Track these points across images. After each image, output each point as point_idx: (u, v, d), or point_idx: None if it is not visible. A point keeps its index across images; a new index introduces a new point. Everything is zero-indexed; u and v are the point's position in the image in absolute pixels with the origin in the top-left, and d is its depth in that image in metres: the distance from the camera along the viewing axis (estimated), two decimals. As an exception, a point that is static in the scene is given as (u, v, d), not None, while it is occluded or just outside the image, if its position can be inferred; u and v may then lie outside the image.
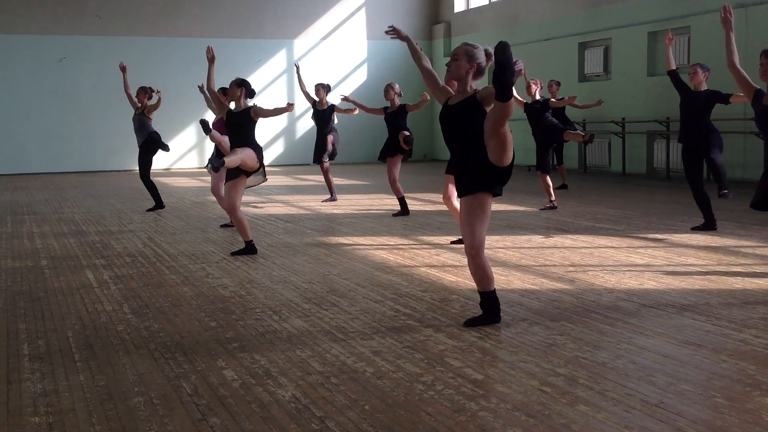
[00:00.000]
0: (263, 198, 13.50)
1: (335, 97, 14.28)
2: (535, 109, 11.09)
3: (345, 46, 23.91)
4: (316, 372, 4.09)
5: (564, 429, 3.29)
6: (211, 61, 8.21)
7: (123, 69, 12.05)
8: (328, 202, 12.56)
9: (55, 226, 10.34)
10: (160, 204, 11.84)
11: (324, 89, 12.37)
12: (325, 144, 12.26)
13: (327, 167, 12.46)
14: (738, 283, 6.04)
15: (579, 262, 7.07)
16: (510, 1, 21.63)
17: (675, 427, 3.27)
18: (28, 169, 21.18)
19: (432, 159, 24.06)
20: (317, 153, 12.45)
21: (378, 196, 13.43)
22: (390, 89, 10.66)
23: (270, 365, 4.22)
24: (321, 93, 12.35)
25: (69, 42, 21.37)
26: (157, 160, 12.14)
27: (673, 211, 10.41)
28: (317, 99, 12.37)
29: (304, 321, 5.15)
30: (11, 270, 7.23)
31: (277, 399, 3.71)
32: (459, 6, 23.90)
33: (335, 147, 12.38)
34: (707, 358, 4.20)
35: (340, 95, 12.26)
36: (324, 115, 12.35)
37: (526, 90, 11.21)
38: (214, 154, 9.92)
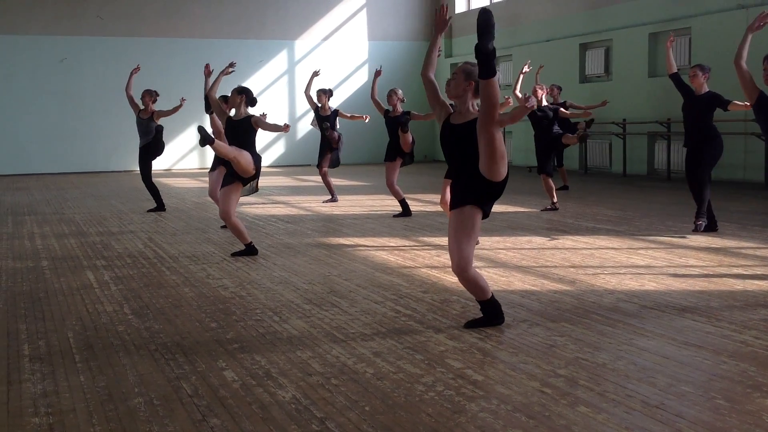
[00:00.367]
0: (264, 199, 13.50)
1: (337, 100, 14.26)
2: (544, 118, 10.98)
3: (346, 47, 23.92)
4: (316, 373, 4.09)
5: (564, 430, 3.29)
6: (216, 73, 8.25)
7: (134, 71, 11.95)
8: (328, 202, 12.57)
9: (56, 226, 10.35)
10: (161, 206, 11.84)
11: (326, 95, 12.31)
12: (330, 147, 12.17)
13: (325, 171, 12.42)
14: (739, 285, 6.04)
15: (580, 263, 7.07)
16: (511, 2, 21.63)
17: (675, 429, 3.27)
18: (29, 170, 21.20)
19: (432, 160, 24.06)
20: (321, 156, 12.37)
21: (379, 197, 13.42)
22: (393, 95, 10.64)
23: (270, 366, 4.22)
24: (323, 99, 12.28)
25: (70, 42, 21.39)
26: (158, 160, 12.14)
27: (674, 213, 10.41)
28: (320, 105, 12.33)
29: (304, 322, 5.15)
30: (12, 270, 7.24)
31: (278, 400, 3.71)
32: (460, 7, 23.91)
33: (339, 155, 12.33)
34: (708, 359, 4.20)
35: (376, 68, 11.91)
36: (327, 121, 12.27)
37: (532, 94, 11.09)
38: (214, 159, 9.90)
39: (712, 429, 3.27)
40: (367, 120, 11.91)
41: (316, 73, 12.95)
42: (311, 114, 13.89)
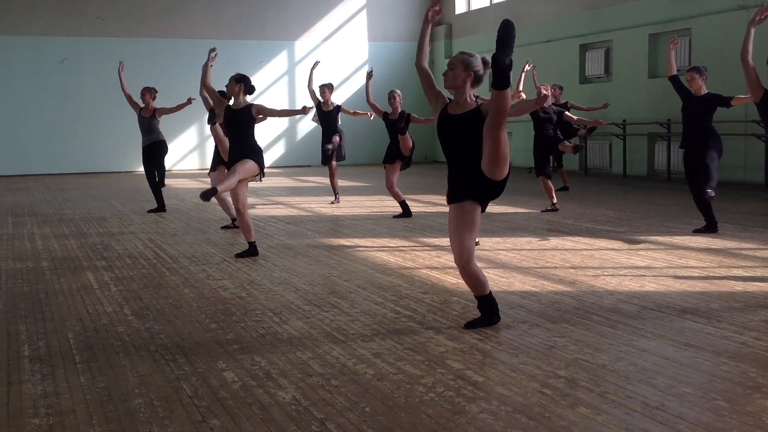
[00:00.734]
0: (264, 200, 13.50)
1: (341, 96, 14.26)
2: (548, 120, 10.90)
3: (346, 47, 23.93)
4: (316, 374, 4.09)
5: (564, 431, 3.29)
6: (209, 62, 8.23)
7: (120, 69, 11.99)
8: (335, 203, 12.52)
9: (56, 227, 10.35)
10: (162, 207, 11.84)
11: (329, 89, 12.27)
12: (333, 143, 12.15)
13: (335, 168, 12.39)
14: (739, 286, 6.04)
15: (580, 264, 7.07)
16: (511, 3, 21.64)
17: (675, 430, 3.27)
18: (29, 170, 21.21)
19: (433, 161, 24.06)
20: (325, 154, 12.32)
21: (379, 197, 13.42)
22: (395, 96, 10.63)
23: (270, 367, 4.22)
24: (326, 94, 12.24)
25: (70, 43, 21.40)
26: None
27: (674, 213, 10.41)
28: (322, 100, 12.29)
29: (304, 323, 5.15)
30: (12, 271, 7.24)
31: (278, 401, 3.71)
32: (460, 8, 23.92)
33: (342, 148, 12.32)
34: (708, 360, 4.20)
35: (367, 70, 11.95)
36: (330, 116, 12.25)
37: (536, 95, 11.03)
38: (214, 159, 9.90)
39: (712, 430, 3.26)
40: (372, 117, 11.92)
41: (316, 64, 12.95)
42: (312, 111, 13.87)
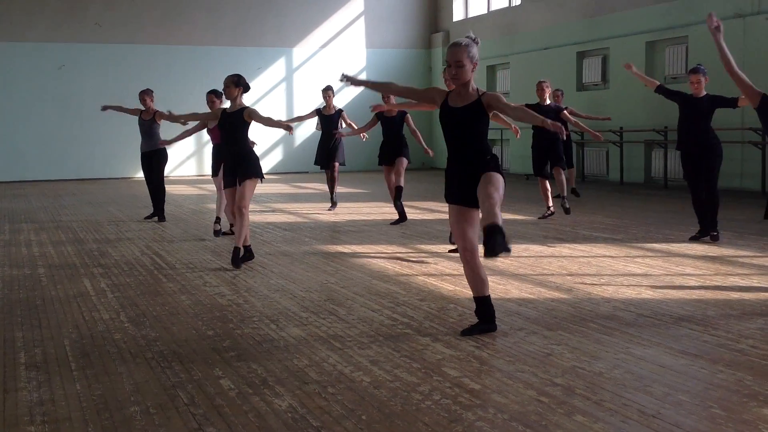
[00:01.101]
0: (262, 206, 13.49)
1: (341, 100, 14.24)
2: (545, 114, 10.82)
3: (344, 54, 23.96)
4: (313, 381, 4.08)
5: (561, 439, 3.29)
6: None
7: (105, 109, 12.00)
8: (332, 209, 12.42)
9: (53, 233, 10.34)
10: (159, 214, 11.67)
11: (331, 92, 12.13)
12: (336, 147, 12.00)
13: (337, 171, 12.26)
14: (735, 294, 6.04)
15: (577, 271, 7.07)
16: (509, 10, 21.69)
17: (672, 438, 3.27)
18: (26, 177, 21.20)
19: (430, 167, 24.07)
20: (327, 158, 12.10)
21: (377, 204, 13.43)
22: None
23: (267, 374, 4.21)
24: (329, 98, 12.09)
25: (69, 49, 21.41)
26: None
27: (671, 221, 10.42)
28: (324, 104, 12.12)
29: (301, 330, 5.15)
30: (8, 278, 7.23)
31: (274, 408, 3.70)
32: (457, 15, 23.97)
33: (342, 153, 12.14)
34: (704, 368, 4.20)
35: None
36: (331, 120, 12.08)
37: (537, 92, 10.92)
38: (215, 162, 9.88)
39: (708, 438, 3.26)
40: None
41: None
42: (311, 120, 13.85)
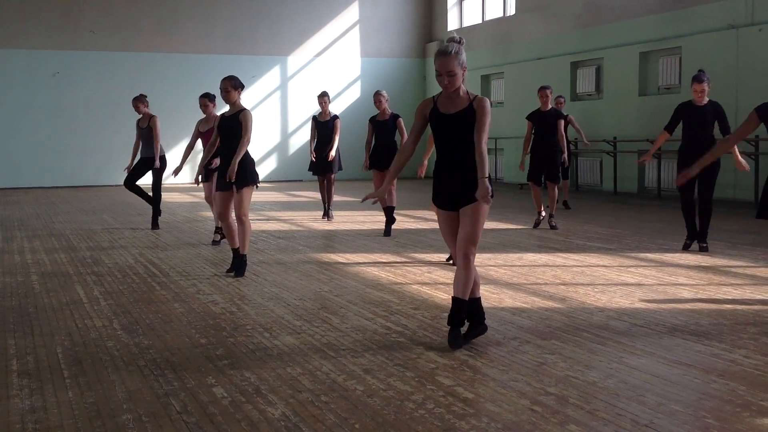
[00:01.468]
0: (256, 214, 13.48)
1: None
2: (546, 120, 10.79)
3: (339, 62, 24.00)
4: (306, 390, 4.08)
5: (554, 449, 3.28)
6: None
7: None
8: (330, 220, 12.29)
9: (46, 241, 10.31)
10: (155, 224, 11.65)
11: (327, 98, 11.95)
12: (331, 154, 11.80)
13: (333, 180, 12.17)
14: (728, 303, 6.06)
15: (570, 280, 7.08)
16: (503, 20, 21.77)
17: (665, 448, 3.27)
18: (19, 184, 21.14)
19: (427, 176, 24.08)
20: (326, 166, 11.92)
21: (371, 212, 13.42)
22: (380, 99, 10.50)
23: (260, 383, 4.20)
24: (325, 104, 11.89)
25: (63, 57, 21.40)
26: (148, 174, 12.03)
27: (664, 231, 10.45)
28: (320, 110, 11.95)
29: (294, 338, 5.14)
30: (1, 285, 7.20)
31: (267, 417, 3.69)
32: (452, 25, 24.04)
33: (339, 160, 11.97)
34: (697, 378, 4.21)
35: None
36: (326, 126, 11.87)
37: (539, 98, 10.86)
38: (204, 168, 9.83)
39: (701, 448, 3.27)
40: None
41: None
42: (305, 129, 13.86)
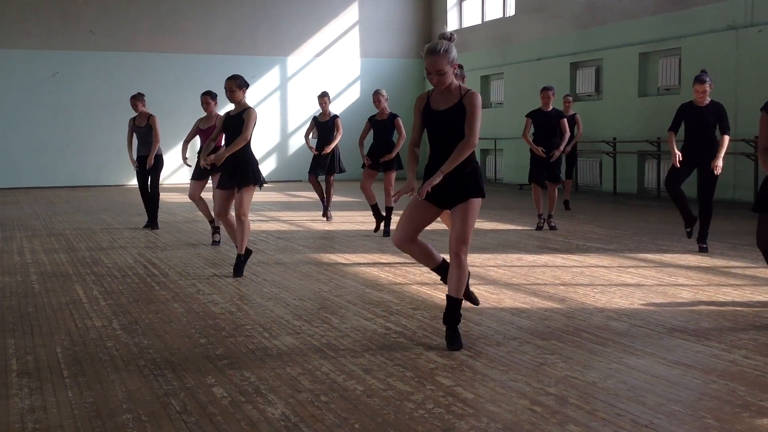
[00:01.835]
0: (255, 215, 13.48)
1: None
2: (547, 120, 10.76)
3: (338, 63, 24.00)
4: (306, 390, 4.07)
5: (554, 449, 3.28)
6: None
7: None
8: (327, 217, 12.29)
9: (46, 241, 10.30)
10: (154, 224, 11.59)
11: (327, 98, 11.90)
12: (333, 156, 11.79)
13: (332, 182, 12.15)
14: (728, 304, 6.06)
15: (570, 281, 7.08)
16: (502, 21, 21.78)
17: (665, 448, 3.27)
18: (19, 183, 21.14)
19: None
20: (328, 167, 11.87)
21: (370, 213, 13.40)
22: (380, 98, 10.49)
23: (260, 382, 4.20)
24: (325, 104, 11.84)
25: (62, 57, 21.39)
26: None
27: (664, 231, 10.45)
28: (320, 110, 11.91)
29: (294, 338, 5.14)
30: (0, 285, 7.20)
31: (267, 417, 3.69)
32: (452, 25, 24.04)
33: (340, 161, 11.93)
34: (697, 378, 4.21)
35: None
36: (326, 126, 11.82)
37: (541, 99, 10.80)
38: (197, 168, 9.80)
39: (701, 448, 3.27)
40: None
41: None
42: (302, 130, 13.85)
